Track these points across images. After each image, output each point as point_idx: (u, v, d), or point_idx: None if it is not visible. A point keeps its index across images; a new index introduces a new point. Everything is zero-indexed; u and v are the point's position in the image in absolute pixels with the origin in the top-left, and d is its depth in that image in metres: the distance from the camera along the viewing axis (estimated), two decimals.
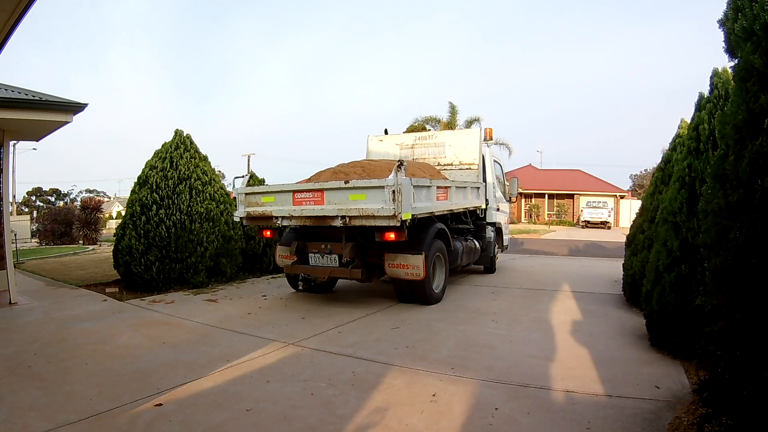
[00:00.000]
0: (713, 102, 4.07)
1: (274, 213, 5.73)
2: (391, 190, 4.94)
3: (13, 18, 3.73)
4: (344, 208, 5.19)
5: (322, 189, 5.42)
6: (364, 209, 5.07)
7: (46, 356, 3.94)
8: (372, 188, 5.11)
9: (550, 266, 10.49)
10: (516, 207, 34.19)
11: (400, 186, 4.93)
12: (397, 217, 4.91)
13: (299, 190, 5.62)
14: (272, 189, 5.95)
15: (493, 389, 3.22)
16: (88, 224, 18.09)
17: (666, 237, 3.94)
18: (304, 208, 5.50)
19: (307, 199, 5.52)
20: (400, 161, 5.13)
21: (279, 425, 2.72)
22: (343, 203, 5.24)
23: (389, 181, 4.96)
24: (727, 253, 2.26)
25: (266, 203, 5.92)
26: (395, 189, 4.92)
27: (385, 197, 4.97)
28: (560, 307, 5.95)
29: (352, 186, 5.19)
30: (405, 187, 5.00)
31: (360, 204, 5.13)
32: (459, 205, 6.84)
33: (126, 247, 6.99)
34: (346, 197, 5.23)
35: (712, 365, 2.38)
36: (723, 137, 2.46)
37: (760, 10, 2.21)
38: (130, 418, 2.80)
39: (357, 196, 5.17)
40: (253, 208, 6.05)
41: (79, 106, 6.14)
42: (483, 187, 7.94)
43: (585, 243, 18.35)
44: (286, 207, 5.66)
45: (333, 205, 5.30)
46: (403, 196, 4.97)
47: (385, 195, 4.98)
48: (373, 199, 5.08)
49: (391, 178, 4.97)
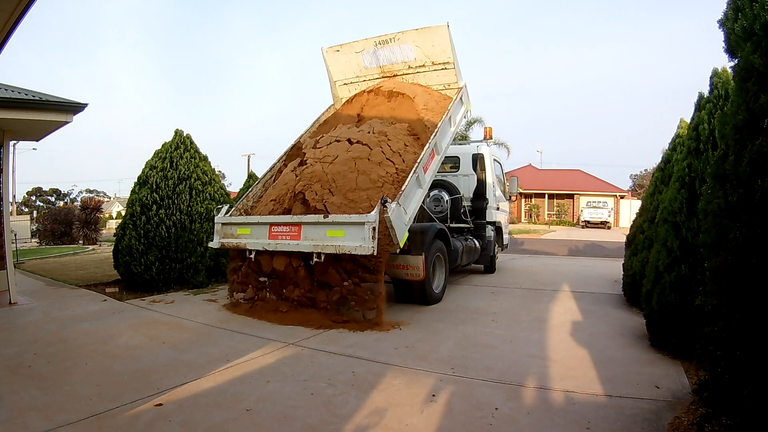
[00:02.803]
0: (713, 102, 4.07)
1: (248, 246, 5.50)
2: (372, 227, 4.62)
3: (12, 18, 3.73)
4: (320, 245, 4.91)
5: (300, 223, 5.16)
6: (340, 246, 4.78)
7: (46, 356, 3.94)
8: (351, 224, 4.82)
9: (550, 266, 10.49)
10: (516, 207, 34.18)
11: (389, 222, 4.65)
12: (375, 254, 4.65)
13: (276, 222, 5.37)
14: (250, 221, 5.72)
15: (493, 389, 3.22)
16: (88, 224, 18.09)
17: (666, 237, 3.94)
18: (279, 242, 5.24)
19: (283, 234, 5.26)
20: (384, 199, 4.73)
21: (279, 425, 2.72)
22: (320, 239, 4.96)
23: (370, 218, 4.63)
24: (727, 253, 2.26)
25: (241, 235, 5.71)
26: (376, 226, 4.62)
27: (365, 234, 4.64)
28: (560, 307, 5.95)
29: (331, 221, 4.91)
30: (395, 219, 4.73)
31: (337, 241, 4.84)
32: (445, 147, 6.44)
33: (126, 247, 6.99)
34: (324, 233, 4.96)
35: (712, 365, 2.38)
36: (723, 137, 2.46)
37: (760, 10, 2.21)
38: (130, 418, 2.80)
39: (335, 233, 4.89)
40: (227, 240, 5.81)
41: (79, 106, 6.14)
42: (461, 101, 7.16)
43: (585, 243, 18.35)
44: (261, 240, 5.42)
45: (309, 240, 5.03)
46: (396, 228, 4.74)
47: (365, 233, 4.65)
48: (352, 236, 4.78)
49: (373, 214, 4.65)
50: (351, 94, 8.04)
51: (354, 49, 7.68)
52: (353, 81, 7.98)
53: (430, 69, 7.24)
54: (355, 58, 7.72)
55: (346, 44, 7.76)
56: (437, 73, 7.21)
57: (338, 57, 7.85)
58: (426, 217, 7.20)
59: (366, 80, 7.86)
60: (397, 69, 7.55)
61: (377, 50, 7.48)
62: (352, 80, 7.99)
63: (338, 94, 8.15)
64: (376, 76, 7.79)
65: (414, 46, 7.18)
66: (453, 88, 7.22)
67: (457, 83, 7.15)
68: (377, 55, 7.52)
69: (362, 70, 7.80)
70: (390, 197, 4.89)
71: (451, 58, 7.00)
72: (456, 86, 7.17)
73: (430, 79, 7.35)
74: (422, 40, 7.10)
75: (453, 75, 7.13)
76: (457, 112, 6.94)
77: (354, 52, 7.68)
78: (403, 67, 7.41)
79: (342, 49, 7.78)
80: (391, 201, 4.78)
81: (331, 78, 8.09)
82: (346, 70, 7.91)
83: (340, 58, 7.84)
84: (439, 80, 7.29)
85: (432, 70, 7.22)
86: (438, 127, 6.11)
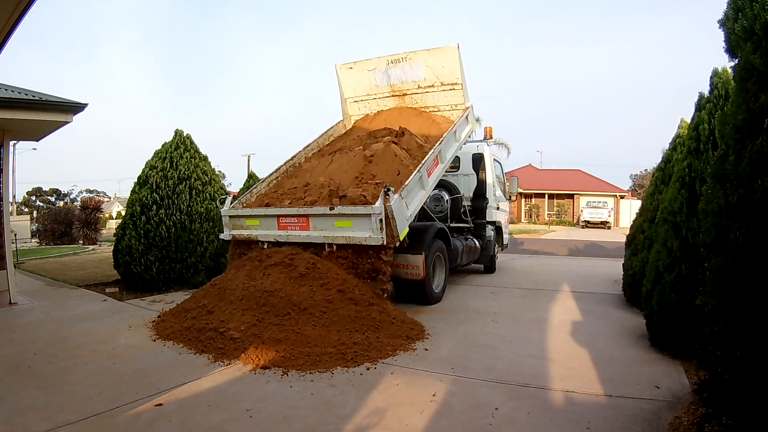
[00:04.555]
0: (713, 102, 4.07)
1: (260, 237, 5.61)
2: (379, 218, 4.72)
3: (13, 18, 3.73)
4: (330, 236, 5.04)
5: (307, 215, 5.27)
6: (350, 237, 4.90)
7: (46, 356, 3.94)
8: (358, 215, 4.92)
9: (550, 266, 10.49)
10: (516, 207, 34.18)
11: (391, 212, 4.74)
12: (386, 244, 4.75)
13: (284, 214, 5.48)
14: (257, 213, 5.80)
15: (493, 389, 3.22)
16: (88, 224, 18.08)
17: (666, 237, 3.94)
18: (290, 233, 5.38)
19: (292, 224, 5.38)
20: (387, 188, 4.81)
21: (279, 425, 2.72)
22: (328, 230, 5.08)
23: (376, 209, 4.75)
24: (727, 253, 2.26)
25: (251, 227, 5.82)
26: (382, 218, 4.71)
27: (372, 225, 4.76)
28: (560, 307, 5.95)
29: (338, 213, 5.02)
30: (396, 211, 4.81)
31: (347, 232, 4.96)
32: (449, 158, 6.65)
33: (126, 247, 6.99)
34: (332, 224, 5.06)
35: (712, 365, 2.38)
36: (723, 137, 2.46)
37: (760, 10, 2.21)
38: (130, 418, 2.80)
39: (343, 223, 4.99)
40: (238, 231, 5.93)
41: (79, 106, 6.14)
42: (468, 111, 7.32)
43: (585, 243, 18.34)
44: (271, 231, 5.55)
45: (319, 231, 5.15)
46: (397, 220, 4.81)
47: (372, 224, 4.77)
48: (360, 227, 4.89)
49: (378, 205, 4.75)
50: (360, 111, 8.31)
51: (367, 67, 7.88)
52: (363, 99, 8.23)
53: (438, 89, 7.43)
54: (367, 76, 7.90)
55: (360, 62, 7.96)
56: (445, 93, 7.39)
57: (351, 74, 8.05)
58: (426, 217, 7.21)
59: (376, 98, 8.10)
60: (406, 88, 7.78)
61: (389, 69, 7.67)
62: (363, 98, 8.23)
63: (348, 111, 8.39)
64: (386, 95, 8.00)
65: (425, 66, 7.38)
66: (459, 109, 7.44)
67: (464, 104, 7.38)
68: (389, 73, 7.72)
69: (373, 88, 8.00)
70: (394, 189, 4.97)
71: (460, 79, 7.19)
72: (462, 107, 7.40)
73: (438, 99, 7.53)
74: (433, 60, 7.29)
75: (460, 96, 7.30)
76: (462, 129, 7.16)
77: (367, 70, 7.88)
78: (413, 87, 7.60)
79: (355, 66, 7.99)
80: (394, 192, 4.86)
81: (342, 95, 8.31)
82: (357, 87, 8.11)
83: (353, 75, 8.04)
84: (447, 101, 7.50)
85: (440, 90, 7.40)
86: (444, 137, 6.33)
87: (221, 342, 4.04)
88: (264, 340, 3.94)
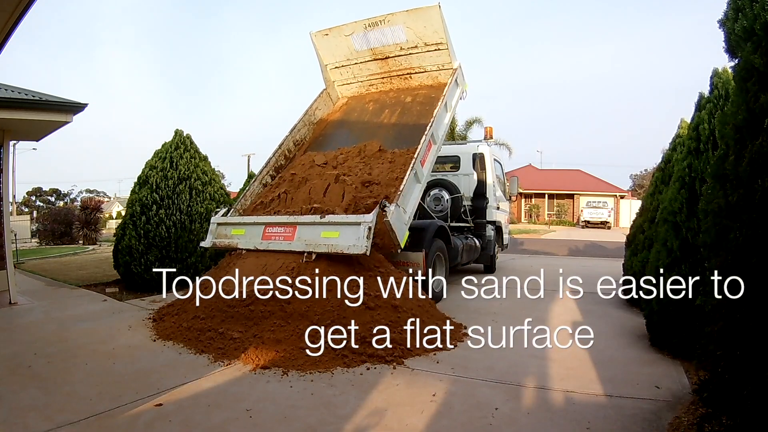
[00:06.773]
0: (713, 102, 4.07)
1: (240, 245, 5.52)
2: (368, 227, 4.59)
3: (13, 18, 3.72)
4: (312, 244, 4.88)
5: (296, 223, 5.14)
6: (333, 246, 4.73)
7: (46, 356, 3.94)
8: (348, 224, 4.79)
9: (550, 266, 10.47)
10: (516, 207, 34.16)
11: (390, 226, 4.66)
12: (368, 255, 4.62)
13: (271, 223, 5.37)
14: (246, 221, 5.73)
15: (493, 389, 3.22)
16: (88, 224, 18.07)
17: (666, 237, 3.93)
18: (271, 242, 5.23)
19: (277, 234, 5.26)
20: (384, 200, 4.73)
21: (279, 425, 2.72)
22: (313, 239, 4.94)
23: (367, 219, 4.60)
24: (727, 253, 2.26)
25: (234, 235, 5.73)
26: (371, 226, 4.59)
27: (360, 234, 4.62)
28: (560, 307, 5.95)
29: (327, 222, 4.90)
30: (395, 222, 4.72)
31: (331, 241, 4.80)
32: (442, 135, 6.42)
33: (126, 247, 6.99)
34: (318, 233, 4.94)
35: (712, 365, 2.38)
36: (723, 137, 2.46)
37: (760, 10, 2.21)
38: (130, 418, 2.80)
39: (330, 234, 4.86)
40: (220, 240, 5.86)
41: (79, 106, 6.14)
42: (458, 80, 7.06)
43: (585, 243, 18.34)
44: (253, 240, 5.42)
45: (302, 241, 5.00)
46: (396, 230, 4.72)
47: (360, 232, 4.63)
48: (346, 236, 4.74)
49: (370, 216, 4.60)
50: (342, 76, 7.95)
51: (343, 33, 7.47)
52: (344, 64, 7.83)
53: (423, 50, 7.10)
54: (344, 41, 7.52)
55: (335, 27, 7.54)
56: (430, 54, 7.06)
57: (327, 40, 7.65)
58: (427, 216, 7.20)
59: (358, 62, 7.72)
60: (389, 51, 7.39)
61: (367, 33, 7.29)
62: (344, 63, 7.83)
63: (330, 78, 8.01)
64: (367, 59, 7.64)
65: (405, 27, 7.00)
66: (447, 69, 7.11)
67: (452, 64, 7.02)
68: (368, 37, 7.34)
69: (353, 53, 7.65)
70: (388, 200, 4.86)
71: (444, 38, 6.85)
72: (450, 67, 7.06)
73: (424, 60, 7.21)
74: (413, 21, 6.90)
75: (447, 55, 6.97)
76: (452, 96, 6.85)
77: (343, 35, 7.47)
78: (395, 49, 7.26)
79: (331, 32, 7.57)
80: (389, 204, 4.75)
81: (321, 62, 7.92)
82: (336, 53, 7.73)
83: (330, 41, 7.64)
84: (433, 61, 7.16)
85: (425, 51, 7.07)
86: (434, 116, 5.99)
87: (221, 342, 4.04)
88: (264, 340, 3.94)
